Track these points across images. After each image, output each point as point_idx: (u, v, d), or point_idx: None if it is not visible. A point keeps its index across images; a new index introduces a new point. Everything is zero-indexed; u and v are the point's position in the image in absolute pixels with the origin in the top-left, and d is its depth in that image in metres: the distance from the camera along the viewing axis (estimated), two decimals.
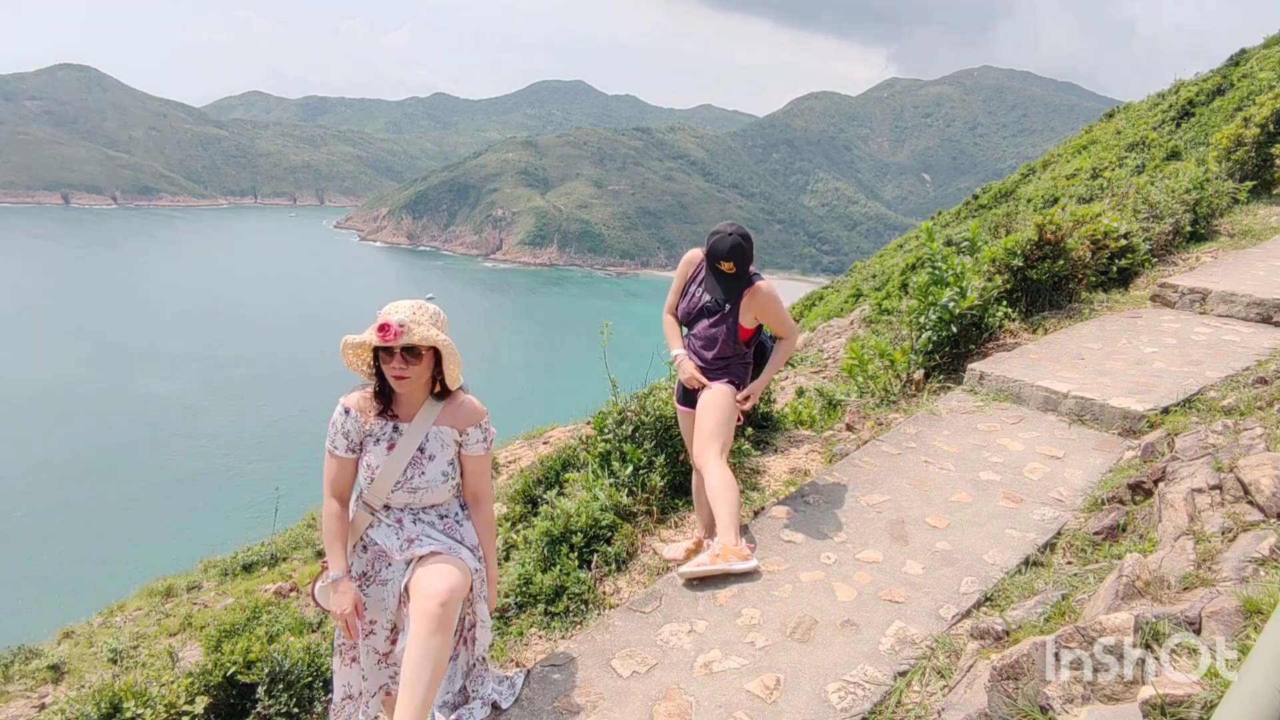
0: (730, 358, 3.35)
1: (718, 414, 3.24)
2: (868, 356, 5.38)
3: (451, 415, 2.48)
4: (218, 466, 46.40)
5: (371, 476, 2.40)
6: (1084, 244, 5.92)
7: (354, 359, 2.44)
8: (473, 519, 2.56)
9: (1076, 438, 4.06)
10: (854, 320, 13.57)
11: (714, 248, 3.17)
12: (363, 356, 2.44)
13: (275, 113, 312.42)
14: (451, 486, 2.48)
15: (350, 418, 2.42)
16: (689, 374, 3.34)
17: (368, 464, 2.41)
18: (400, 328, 2.23)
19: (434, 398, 2.46)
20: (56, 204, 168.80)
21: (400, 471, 2.40)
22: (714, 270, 3.20)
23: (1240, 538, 2.17)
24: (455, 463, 2.48)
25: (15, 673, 6.06)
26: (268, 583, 7.28)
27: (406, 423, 2.43)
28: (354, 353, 2.42)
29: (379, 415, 2.43)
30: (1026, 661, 1.91)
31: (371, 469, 2.41)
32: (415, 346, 2.31)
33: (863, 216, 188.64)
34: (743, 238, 3.18)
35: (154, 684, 3.20)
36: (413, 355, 2.31)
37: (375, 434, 2.42)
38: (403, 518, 2.46)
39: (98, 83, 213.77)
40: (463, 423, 2.49)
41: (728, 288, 3.21)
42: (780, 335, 3.40)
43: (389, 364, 2.31)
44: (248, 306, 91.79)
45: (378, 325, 2.25)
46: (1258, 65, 16.70)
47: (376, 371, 2.41)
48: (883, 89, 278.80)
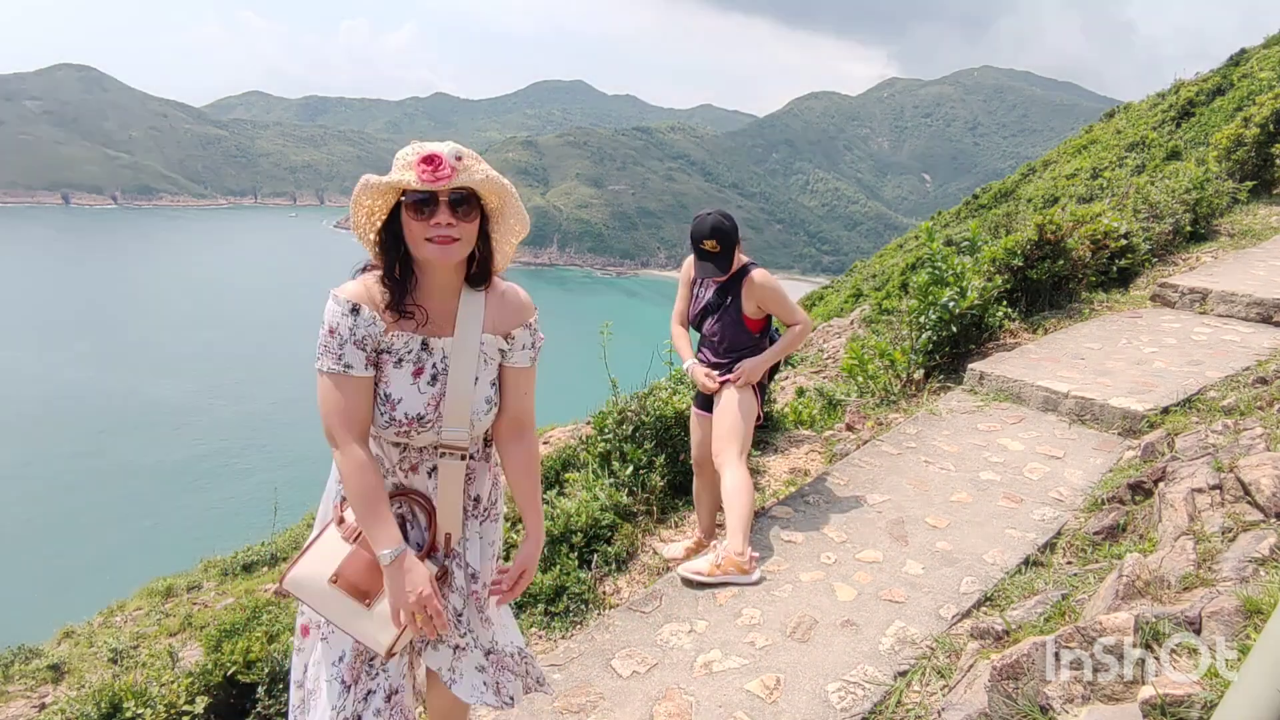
0: (742, 349, 3.35)
1: (735, 414, 3.24)
2: (868, 356, 5.39)
3: (495, 315, 1.73)
4: (218, 466, 46.38)
5: (391, 414, 1.64)
6: (1084, 244, 5.92)
7: (366, 218, 1.62)
8: (513, 457, 1.85)
9: (1076, 438, 4.05)
10: (854, 320, 13.58)
11: (695, 230, 3.21)
12: (378, 213, 1.62)
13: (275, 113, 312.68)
14: (493, 416, 1.77)
15: (363, 319, 1.60)
16: (702, 382, 3.35)
17: (386, 393, 1.64)
18: (457, 160, 1.52)
19: (468, 285, 1.69)
20: (56, 204, 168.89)
21: (468, 410, 1.68)
22: (700, 254, 3.22)
23: (1240, 538, 2.17)
24: (496, 383, 1.76)
25: (15, 673, 6.06)
26: (268, 583, 7.28)
27: (438, 337, 1.67)
28: (371, 203, 1.60)
29: (396, 321, 1.64)
30: (1026, 661, 1.91)
31: (391, 401, 1.64)
32: (472, 192, 1.57)
33: (863, 216, 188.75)
34: (723, 216, 3.20)
35: (154, 684, 3.20)
36: (466, 208, 1.56)
37: (396, 351, 1.64)
38: (419, 463, 1.74)
39: (98, 83, 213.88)
40: (508, 324, 1.74)
41: (718, 264, 3.21)
42: (789, 323, 3.39)
43: (426, 221, 1.54)
44: (248, 307, 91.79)
45: (420, 156, 1.51)
46: (1258, 65, 16.71)
47: (388, 246, 1.62)
48: (883, 89, 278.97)
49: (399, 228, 1.59)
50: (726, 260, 3.20)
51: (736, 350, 3.35)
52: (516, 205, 1.64)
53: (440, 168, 1.50)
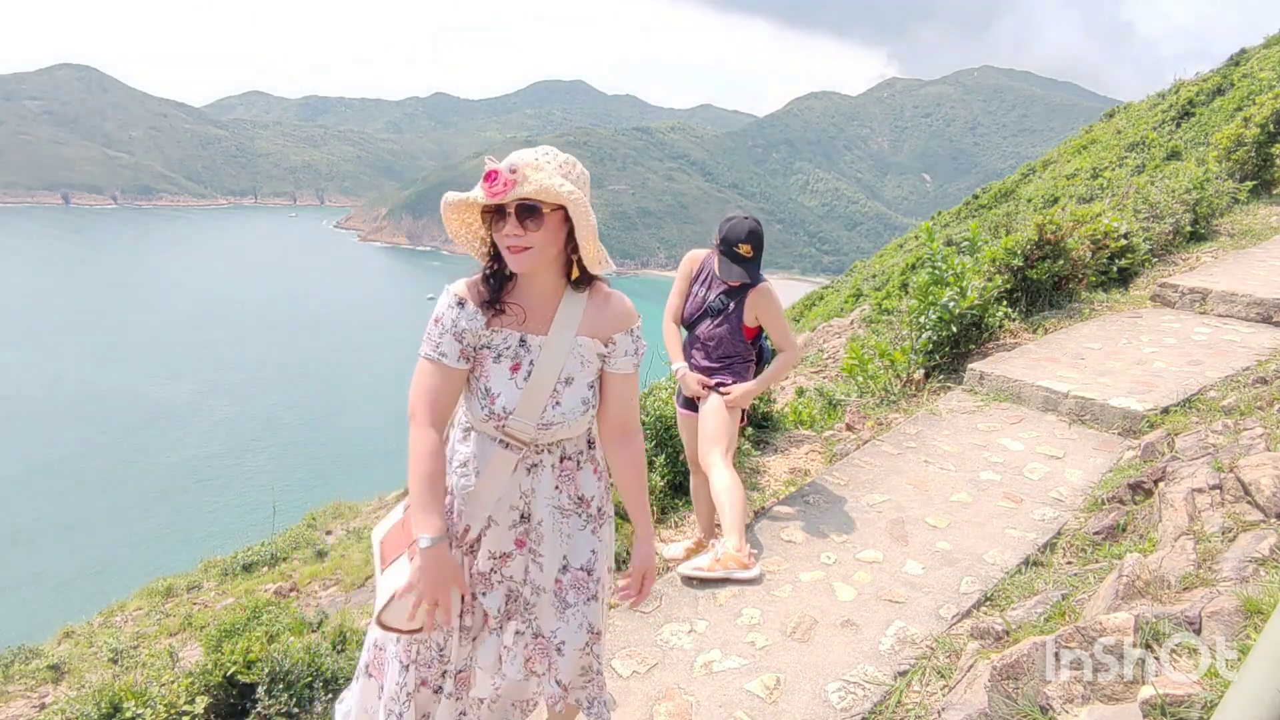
0: (733, 356, 3.35)
1: (720, 415, 3.25)
2: (868, 356, 5.39)
3: (594, 318, 1.78)
4: (218, 466, 46.38)
5: (490, 407, 1.71)
6: (1084, 244, 5.92)
7: (459, 228, 1.76)
8: (620, 460, 1.90)
9: (1076, 438, 4.06)
10: (854, 320, 13.57)
11: (730, 232, 3.16)
12: (472, 225, 1.75)
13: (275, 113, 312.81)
14: (590, 417, 1.82)
15: (466, 313, 1.70)
16: (693, 390, 3.34)
17: (486, 387, 1.72)
18: (511, 174, 1.59)
19: (573, 287, 1.77)
20: (56, 204, 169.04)
21: (541, 406, 1.73)
22: (732, 255, 3.19)
23: (1240, 538, 2.17)
24: (595, 384, 1.81)
25: (15, 673, 6.06)
26: (268, 583, 7.29)
27: (536, 335, 1.74)
28: (458, 218, 1.74)
29: (497, 317, 1.73)
30: (1026, 661, 1.91)
31: (491, 395, 1.71)
32: (534, 203, 1.62)
33: (863, 216, 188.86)
34: (756, 221, 3.21)
35: (154, 684, 3.20)
36: (532, 216, 1.62)
37: (495, 346, 1.73)
38: (518, 461, 1.79)
39: (98, 83, 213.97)
40: (609, 329, 1.79)
41: (748, 269, 3.19)
42: (780, 348, 3.39)
43: (501, 230, 1.64)
44: (248, 307, 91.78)
45: (485, 174, 1.63)
46: (1258, 65, 16.70)
47: (494, 249, 1.73)
48: (883, 89, 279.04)
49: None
50: (756, 266, 3.20)
51: (730, 357, 3.35)
52: (580, 211, 1.66)
53: (495, 182, 1.59)
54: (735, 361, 3.36)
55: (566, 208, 1.65)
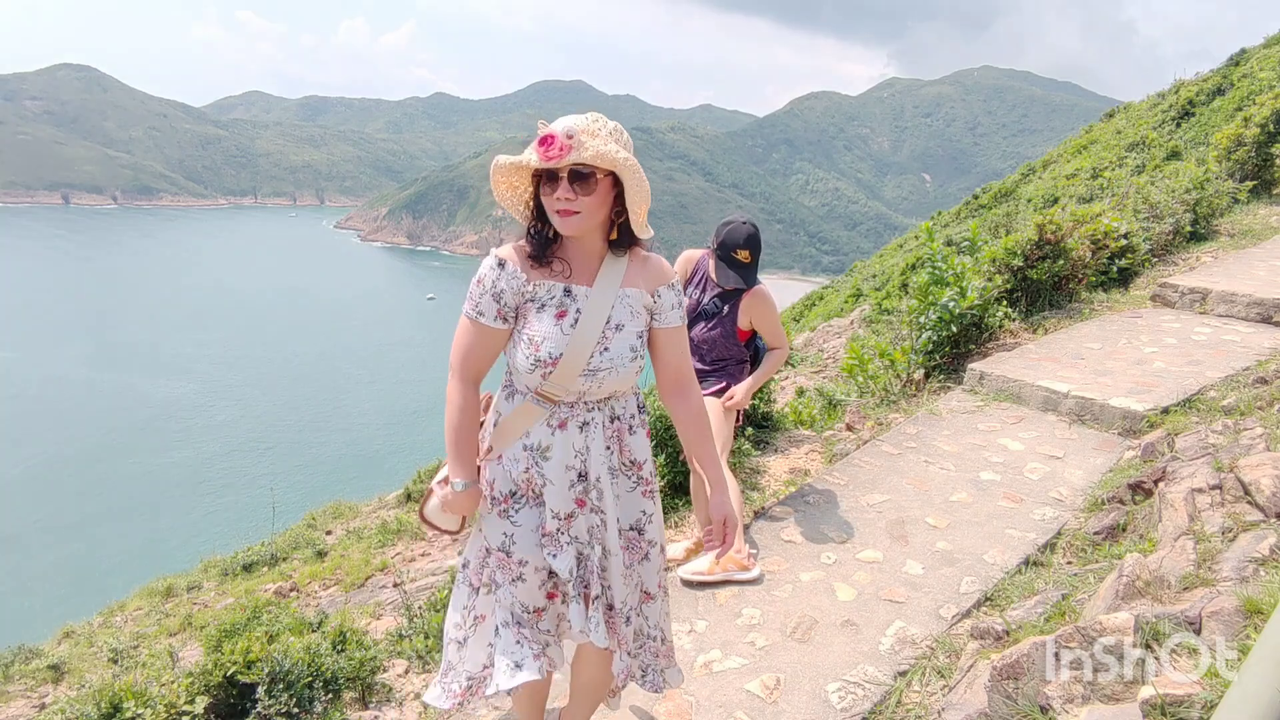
0: (727, 359, 3.35)
1: (715, 416, 3.25)
2: (868, 356, 5.39)
3: (639, 274, 1.84)
4: (218, 466, 46.37)
5: (535, 355, 1.74)
6: (1084, 244, 5.92)
7: (507, 190, 1.82)
8: (680, 411, 1.94)
9: (1076, 438, 4.05)
10: (854, 320, 13.57)
11: (729, 237, 3.16)
12: (519, 187, 1.81)
13: (275, 113, 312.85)
14: (638, 369, 1.85)
15: (506, 273, 1.76)
16: None
17: (530, 337, 1.75)
18: (568, 139, 1.64)
19: (612, 249, 1.82)
20: (56, 204, 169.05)
21: (588, 350, 1.75)
22: (728, 260, 3.19)
23: (1240, 538, 2.17)
24: (644, 338, 1.85)
25: (15, 672, 6.06)
26: (268, 583, 7.28)
27: (581, 285, 1.78)
28: (507, 180, 1.80)
29: (542, 271, 1.78)
30: (1026, 661, 1.91)
31: (535, 343, 1.74)
32: (588, 168, 1.67)
33: (863, 216, 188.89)
34: (755, 227, 3.20)
35: (154, 684, 3.20)
36: (584, 181, 1.67)
37: (540, 298, 1.77)
38: (568, 419, 1.82)
39: (98, 83, 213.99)
40: (653, 282, 1.85)
41: (744, 275, 3.19)
42: (773, 345, 3.39)
43: (551, 194, 1.69)
44: (248, 307, 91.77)
45: (539, 138, 1.67)
46: (1258, 65, 16.69)
47: (537, 212, 1.79)
48: (883, 89, 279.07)
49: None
50: (753, 271, 3.20)
51: (723, 360, 3.35)
52: (635, 177, 1.72)
53: (552, 146, 1.63)
54: (729, 364, 3.36)
55: (618, 173, 1.70)
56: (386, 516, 8.15)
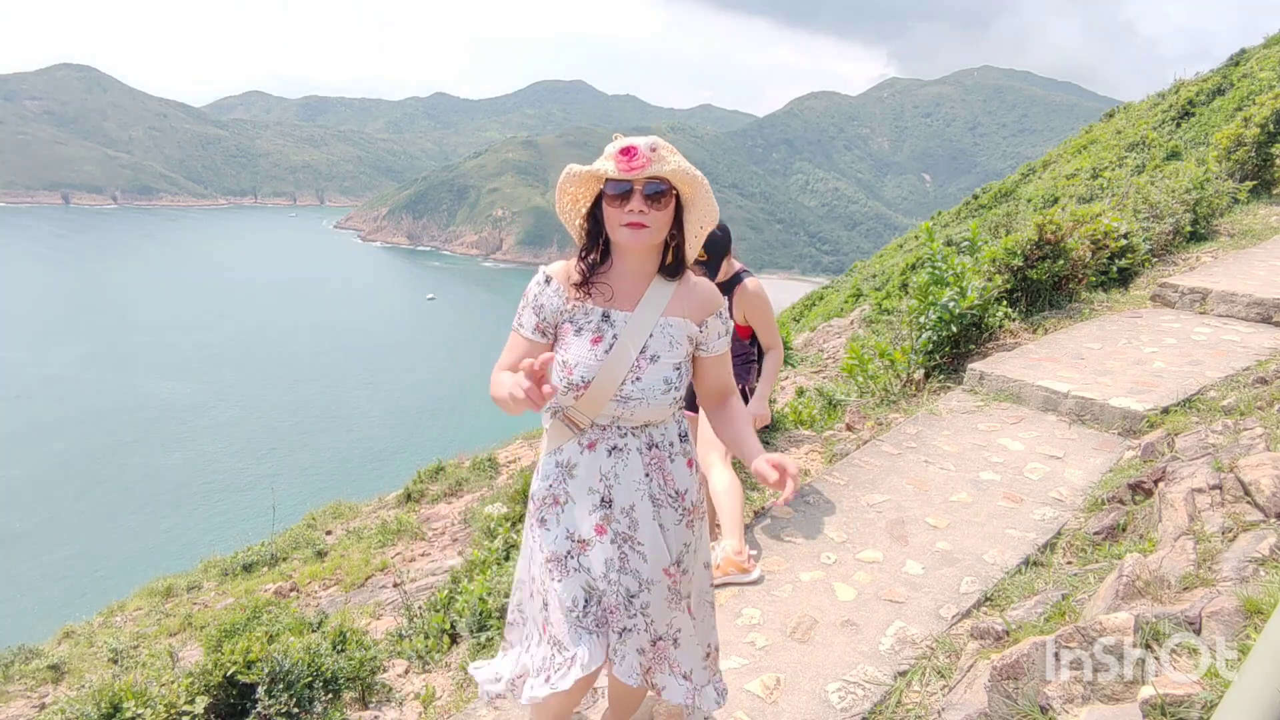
0: (732, 357, 3.35)
1: None
2: (868, 356, 5.38)
3: (685, 301, 1.80)
4: (218, 466, 46.38)
5: (569, 378, 1.73)
6: (1084, 244, 5.92)
7: (569, 204, 1.80)
8: (720, 415, 1.95)
9: (1076, 438, 4.05)
10: (854, 320, 13.57)
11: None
12: (580, 199, 1.79)
13: (275, 113, 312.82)
14: (672, 400, 1.79)
15: (550, 289, 1.77)
16: None
17: (564, 360, 1.74)
18: (651, 152, 1.63)
19: (661, 274, 1.79)
20: (56, 204, 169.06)
21: (619, 378, 1.73)
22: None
23: (1240, 538, 2.17)
24: (684, 368, 1.80)
25: (15, 673, 6.06)
26: (268, 583, 7.28)
27: (622, 310, 1.76)
28: (574, 191, 1.77)
29: (584, 294, 1.77)
30: (1026, 661, 1.91)
31: (569, 366, 1.73)
32: (665, 182, 1.66)
33: (863, 216, 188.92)
34: (717, 228, 3.20)
35: (154, 684, 3.20)
36: (657, 196, 1.66)
37: (577, 321, 1.76)
38: (598, 441, 1.80)
39: (98, 83, 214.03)
40: (700, 312, 1.81)
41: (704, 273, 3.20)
42: (767, 346, 3.38)
43: (621, 208, 1.67)
44: (248, 307, 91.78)
45: (619, 148, 1.65)
46: (1258, 65, 16.68)
47: (591, 231, 1.77)
48: (883, 89, 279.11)
49: (601, 214, 1.74)
50: (712, 271, 3.19)
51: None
52: (707, 197, 1.73)
53: (635, 158, 1.63)
54: (735, 363, 3.35)
55: (689, 191, 1.71)
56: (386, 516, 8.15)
